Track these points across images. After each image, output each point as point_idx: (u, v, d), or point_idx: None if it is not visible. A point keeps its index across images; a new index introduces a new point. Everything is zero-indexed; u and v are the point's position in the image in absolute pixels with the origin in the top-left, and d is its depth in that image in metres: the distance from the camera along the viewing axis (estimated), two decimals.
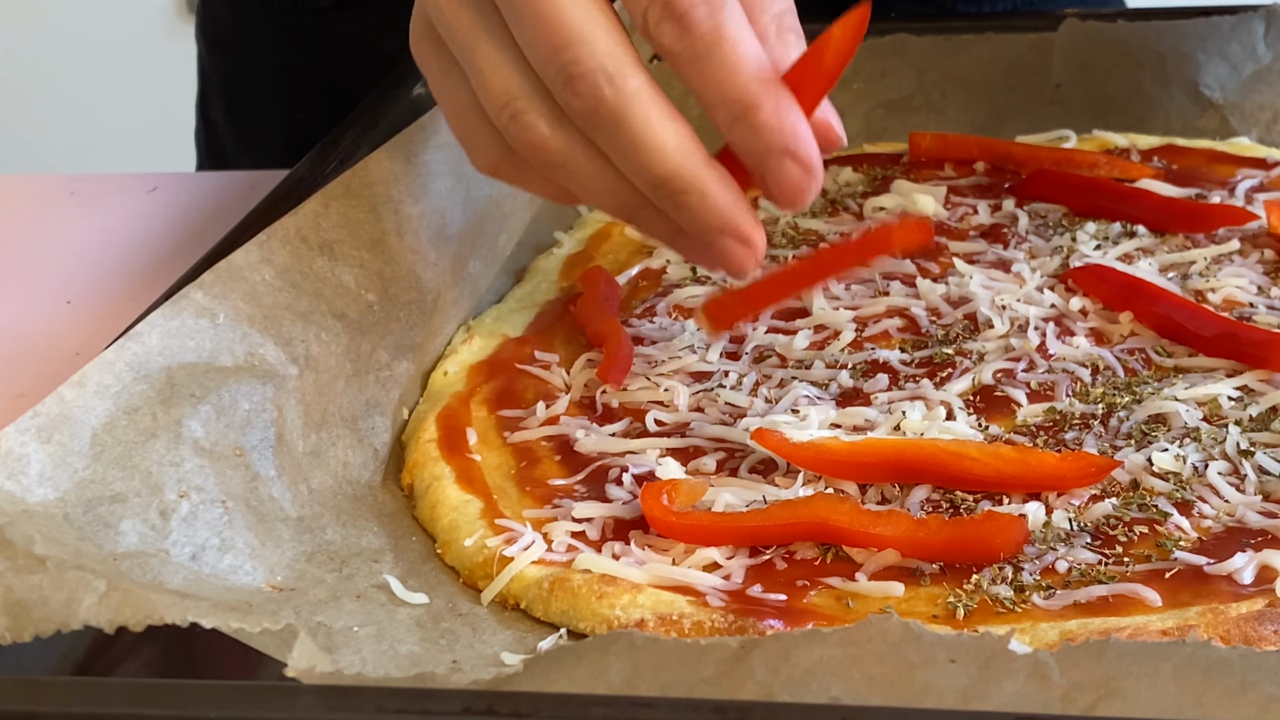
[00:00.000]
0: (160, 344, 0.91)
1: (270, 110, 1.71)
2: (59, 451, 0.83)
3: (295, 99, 1.67)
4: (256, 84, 1.71)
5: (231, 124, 1.75)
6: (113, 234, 1.40)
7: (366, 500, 0.97)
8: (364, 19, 1.61)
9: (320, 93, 1.65)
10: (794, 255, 1.22)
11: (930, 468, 0.92)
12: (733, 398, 1.04)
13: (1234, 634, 0.78)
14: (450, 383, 1.08)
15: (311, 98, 1.65)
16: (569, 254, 1.26)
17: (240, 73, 1.72)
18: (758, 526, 0.88)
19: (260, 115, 1.72)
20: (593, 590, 0.85)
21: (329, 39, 1.63)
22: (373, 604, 0.86)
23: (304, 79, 1.66)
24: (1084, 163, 1.31)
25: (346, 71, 1.61)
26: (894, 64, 1.46)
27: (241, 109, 1.74)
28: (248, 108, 1.73)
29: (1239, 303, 1.11)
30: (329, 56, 1.63)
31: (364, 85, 1.44)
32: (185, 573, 0.82)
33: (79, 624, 0.72)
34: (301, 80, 1.66)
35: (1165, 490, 0.91)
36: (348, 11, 1.61)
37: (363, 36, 1.60)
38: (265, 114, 1.72)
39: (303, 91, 1.66)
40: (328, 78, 1.64)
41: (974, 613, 0.82)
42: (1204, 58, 1.40)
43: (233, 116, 1.75)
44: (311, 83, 1.65)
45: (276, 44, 1.67)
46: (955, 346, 1.08)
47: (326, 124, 1.35)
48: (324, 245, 1.03)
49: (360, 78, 1.54)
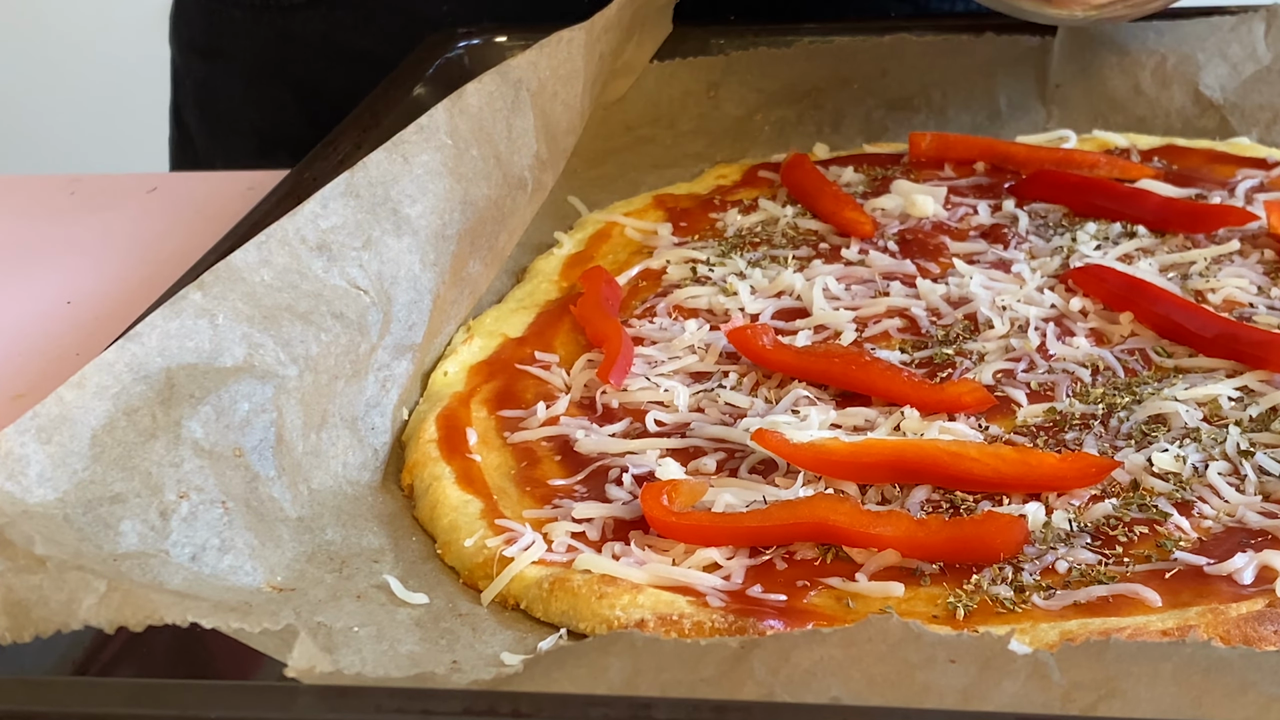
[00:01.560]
0: (160, 345, 0.91)
1: (243, 111, 1.70)
2: (59, 452, 0.83)
3: (268, 98, 1.67)
4: (230, 85, 1.71)
5: (205, 126, 1.75)
6: (113, 234, 1.40)
7: (366, 500, 0.97)
8: (335, 16, 1.61)
9: (293, 91, 1.65)
10: (794, 255, 1.22)
11: (930, 468, 0.92)
12: (733, 398, 1.04)
13: (1234, 634, 0.78)
14: (450, 383, 1.08)
15: (284, 96, 1.66)
16: (569, 254, 1.25)
17: (213, 74, 1.72)
18: (758, 527, 0.88)
19: (233, 116, 1.72)
20: (593, 590, 0.85)
21: (301, 36, 1.63)
22: (373, 604, 0.86)
23: (276, 77, 1.66)
24: (1084, 163, 1.31)
25: (319, 69, 1.62)
26: (894, 64, 1.46)
27: (215, 110, 1.74)
28: (221, 109, 1.73)
29: (1239, 303, 1.11)
30: (301, 54, 1.63)
31: (337, 82, 1.44)
32: (185, 573, 0.82)
33: (79, 624, 0.72)
34: (274, 79, 1.66)
35: (1165, 490, 0.91)
36: (319, 8, 1.61)
37: (335, 33, 1.60)
38: (238, 115, 1.71)
39: (276, 90, 1.66)
40: (301, 76, 1.64)
41: (974, 613, 0.82)
42: (1204, 58, 1.40)
43: (207, 118, 1.74)
44: (284, 81, 1.65)
45: (249, 44, 1.67)
46: (955, 347, 1.08)
47: (300, 123, 1.35)
48: (323, 246, 1.03)
49: (333, 74, 1.54)
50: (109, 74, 3.52)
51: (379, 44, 1.53)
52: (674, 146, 1.44)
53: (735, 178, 1.38)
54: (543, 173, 1.30)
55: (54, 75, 3.58)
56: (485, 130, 1.20)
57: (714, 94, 1.47)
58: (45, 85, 3.59)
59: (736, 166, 1.40)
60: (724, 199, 1.34)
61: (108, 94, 3.52)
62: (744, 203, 1.33)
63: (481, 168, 1.18)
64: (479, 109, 1.20)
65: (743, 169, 1.39)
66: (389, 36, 1.54)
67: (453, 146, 1.15)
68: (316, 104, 1.41)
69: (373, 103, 1.38)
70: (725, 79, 1.47)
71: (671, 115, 1.46)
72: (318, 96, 1.55)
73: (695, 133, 1.45)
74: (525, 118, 1.26)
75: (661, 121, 1.46)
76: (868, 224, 1.24)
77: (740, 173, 1.38)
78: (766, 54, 1.47)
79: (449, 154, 1.14)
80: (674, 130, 1.46)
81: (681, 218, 1.31)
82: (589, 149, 1.40)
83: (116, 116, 3.50)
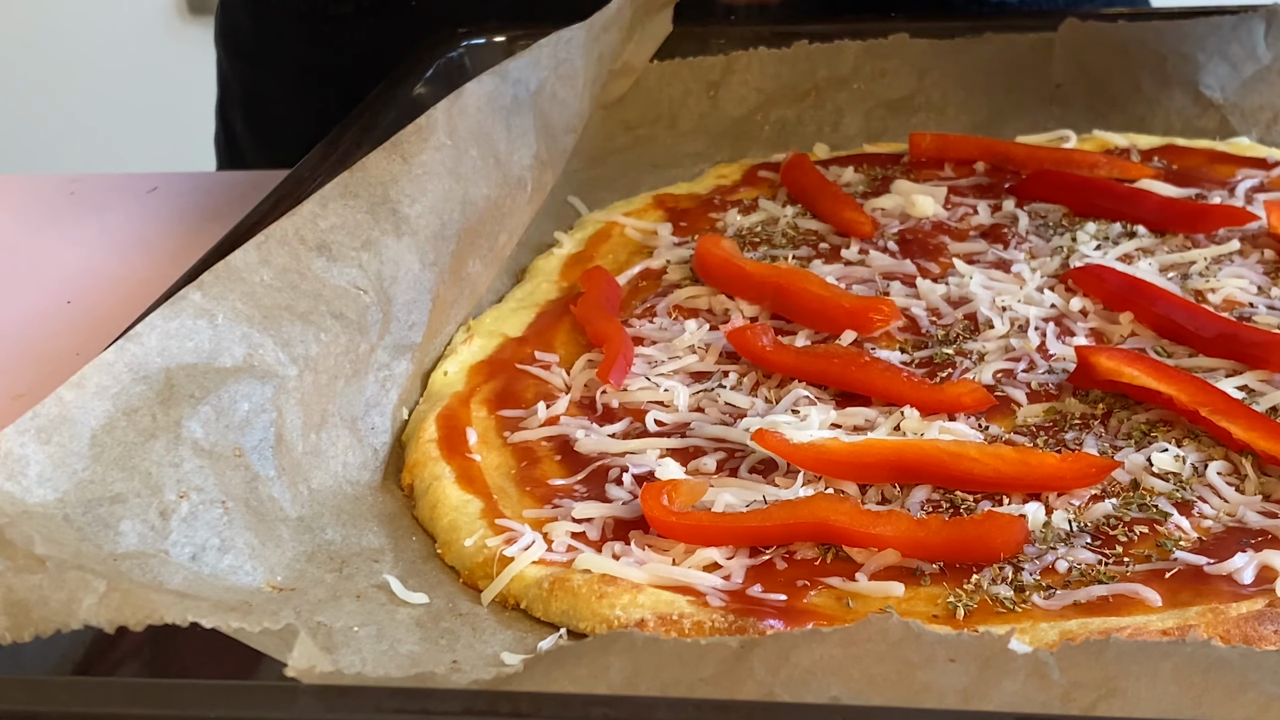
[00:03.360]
0: (159, 345, 0.91)
1: (289, 116, 1.72)
2: (58, 452, 0.83)
3: (314, 104, 1.67)
4: (276, 90, 1.72)
5: (250, 129, 1.76)
6: (113, 234, 1.40)
7: (366, 500, 0.97)
8: (382, 24, 1.61)
9: (339, 98, 1.65)
10: (794, 255, 1.22)
11: (930, 468, 0.92)
12: (733, 398, 1.04)
13: (1234, 634, 0.78)
14: (450, 383, 1.08)
15: (330, 103, 1.66)
16: (569, 254, 1.25)
17: (259, 79, 1.73)
18: (758, 526, 0.88)
19: (279, 121, 1.73)
20: (593, 590, 0.85)
21: (348, 44, 1.64)
22: (373, 604, 0.86)
23: (323, 84, 1.67)
24: (1084, 163, 1.31)
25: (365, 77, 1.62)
26: (894, 64, 1.46)
27: (261, 114, 1.75)
28: (267, 113, 1.75)
29: (1239, 303, 1.11)
30: (348, 62, 1.64)
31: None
32: (185, 573, 0.82)
33: (79, 624, 0.72)
34: (320, 86, 1.67)
35: (1165, 490, 0.91)
36: (366, 18, 1.62)
37: (381, 42, 1.60)
38: (284, 119, 1.73)
39: (321, 97, 1.66)
40: (346, 83, 1.64)
41: (974, 613, 0.82)
42: (1204, 58, 1.40)
43: (251, 122, 1.76)
44: (330, 88, 1.65)
45: (296, 50, 1.68)
46: (955, 346, 1.08)
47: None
48: (322, 246, 1.03)
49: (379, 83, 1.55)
50: (109, 74, 3.52)
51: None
52: (674, 146, 1.44)
53: (735, 178, 1.38)
54: (542, 173, 1.30)
55: (54, 75, 3.58)
56: (485, 130, 1.20)
57: (714, 94, 1.47)
58: (45, 85, 3.60)
59: (736, 166, 1.40)
60: (724, 199, 1.34)
61: (108, 94, 3.52)
62: (744, 203, 1.33)
63: (481, 167, 1.18)
64: (478, 109, 1.20)
65: (743, 169, 1.39)
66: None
67: (452, 146, 1.15)
68: None
69: (373, 103, 1.38)
70: (725, 79, 1.47)
71: (671, 115, 1.47)
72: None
73: (695, 133, 1.45)
74: (525, 117, 1.26)
75: (661, 121, 1.46)
76: (868, 224, 1.24)
77: (740, 173, 1.38)
78: (766, 54, 1.47)
79: (448, 154, 1.14)
80: (674, 130, 1.46)
81: (681, 218, 1.31)
82: (589, 149, 1.41)
83: (116, 116, 3.50)
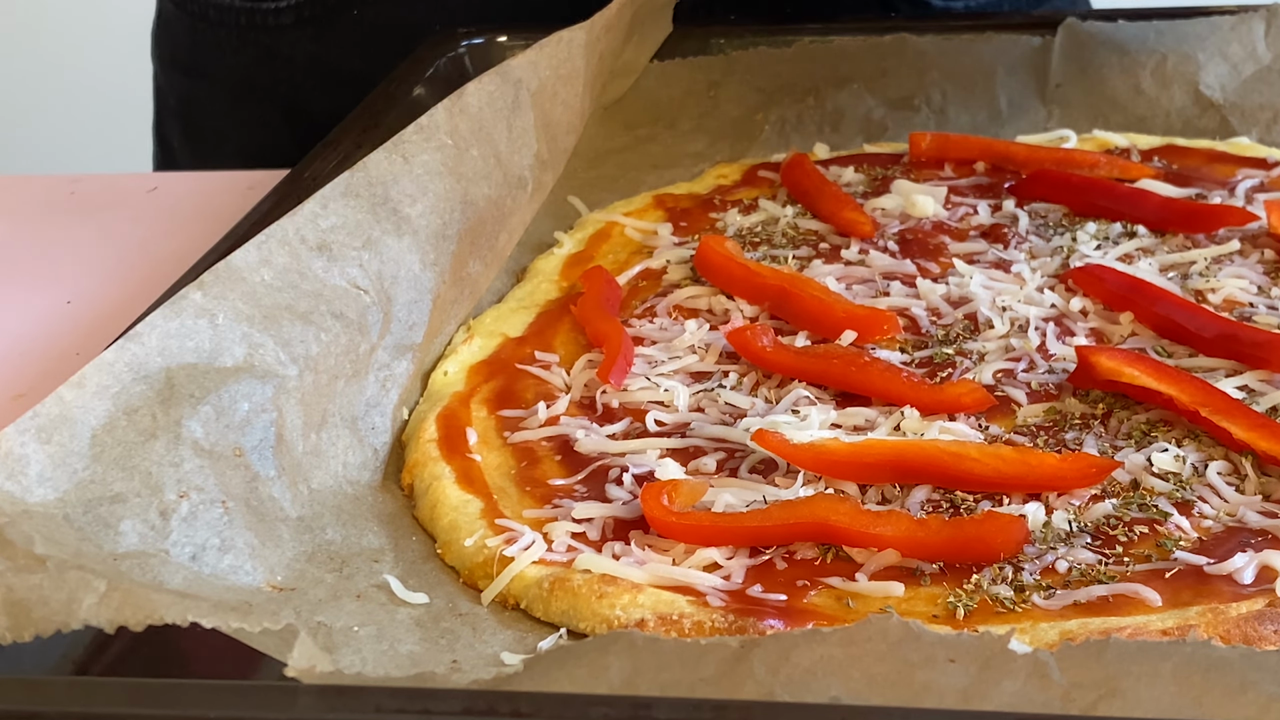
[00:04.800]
0: (160, 345, 0.91)
1: (227, 129, 1.68)
2: (59, 452, 0.83)
3: (254, 118, 1.64)
4: (214, 103, 1.68)
5: (188, 144, 1.72)
6: (112, 234, 1.40)
7: (366, 500, 0.97)
8: (324, 35, 1.58)
9: (280, 111, 1.62)
10: (794, 255, 1.22)
11: (930, 468, 0.92)
12: (733, 398, 1.04)
13: (1234, 634, 0.78)
14: (450, 383, 1.08)
15: (271, 116, 1.63)
16: (569, 254, 1.25)
17: (197, 91, 1.69)
18: (758, 527, 0.88)
19: (217, 135, 1.69)
20: (593, 590, 0.85)
21: (289, 56, 1.60)
22: (373, 604, 0.86)
23: (262, 97, 1.63)
24: (1084, 163, 1.31)
25: (307, 88, 1.60)
26: (894, 64, 1.46)
27: (198, 128, 1.71)
28: (205, 126, 1.70)
29: (1239, 303, 1.11)
30: (289, 74, 1.61)
31: (325, 102, 1.42)
32: (185, 573, 0.82)
33: (79, 624, 0.72)
34: (260, 98, 1.63)
35: (1165, 490, 0.91)
36: (306, 28, 1.58)
37: (324, 53, 1.58)
38: (222, 133, 1.68)
39: (262, 110, 1.63)
40: (288, 95, 1.61)
41: (974, 613, 0.82)
42: (1204, 58, 1.40)
43: (189, 135, 1.71)
44: (271, 101, 1.62)
45: (235, 62, 1.63)
46: (955, 346, 1.08)
47: (287, 143, 1.33)
48: (322, 245, 1.03)
49: (321, 94, 1.52)
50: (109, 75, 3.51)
51: (369, 65, 1.51)
52: (674, 146, 1.44)
53: (735, 178, 1.38)
54: (543, 172, 1.30)
55: (54, 75, 3.58)
56: (485, 130, 1.20)
57: (714, 94, 1.47)
58: (45, 85, 3.59)
59: (736, 166, 1.40)
60: (724, 199, 1.34)
61: (107, 95, 3.51)
62: (744, 203, 1.33)
63: (481, 167, 1.18)
64: (479, 109, 1.20)
65: (743, 169, 1.39)
66: (380, 58, 1.52)
67: (453, 146, 1.15)
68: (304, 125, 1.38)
69: (373, 103, 1.38)
70: (725, 79, 1.47)
71: (671, 115, 1.46)
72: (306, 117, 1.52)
73: (695, 133, 1.45)
74: (525, 117, 1.26)
75: (661, 121, 1.46)
76: (868, 224, 1.24)
77: (740, 173, 1.38)
78: (766, 54, 1.47)
79: (449, 154, 1.14)
80: (674, 130, 1.46)
81: (681, 218, 1.31)
82: (589, 149, 1.40)
83: (117, 117, 3.50)
